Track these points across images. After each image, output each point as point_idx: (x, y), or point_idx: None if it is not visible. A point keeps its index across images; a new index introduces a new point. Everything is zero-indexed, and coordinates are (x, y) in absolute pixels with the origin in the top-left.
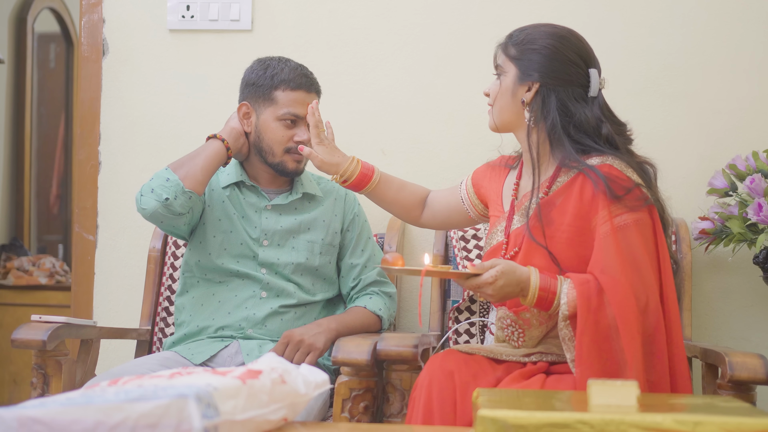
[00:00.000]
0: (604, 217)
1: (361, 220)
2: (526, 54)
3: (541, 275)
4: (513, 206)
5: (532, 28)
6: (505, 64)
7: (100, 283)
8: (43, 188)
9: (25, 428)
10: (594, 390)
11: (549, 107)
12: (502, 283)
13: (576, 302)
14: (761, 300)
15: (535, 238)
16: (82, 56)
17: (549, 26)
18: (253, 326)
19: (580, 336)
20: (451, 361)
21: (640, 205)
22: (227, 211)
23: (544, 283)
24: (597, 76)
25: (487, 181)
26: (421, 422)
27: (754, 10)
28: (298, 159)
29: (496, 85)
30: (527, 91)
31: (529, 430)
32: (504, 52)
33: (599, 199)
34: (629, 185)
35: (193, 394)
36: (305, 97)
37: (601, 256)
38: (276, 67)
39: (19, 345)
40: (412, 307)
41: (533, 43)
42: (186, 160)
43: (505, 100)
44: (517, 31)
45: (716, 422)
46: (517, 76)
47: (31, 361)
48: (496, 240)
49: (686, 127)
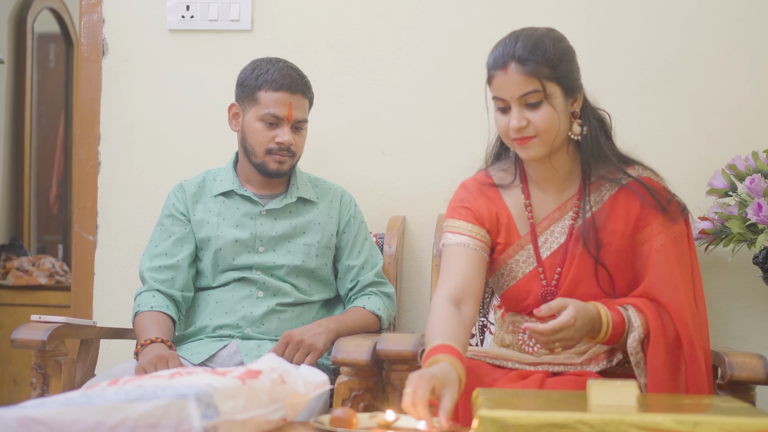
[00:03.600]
0: (657, 230)
1: (357, 222)
2: (562, 67)
3: (610, 310)
4: (534, 229)
5: (542, 38)
6: (547, 87)
7: (99, 283)
8: (43, 188)
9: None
10: (594, 390)
11: (590, 115)
12: (581, 324)
13: (647, 326)
14: (761, 300)
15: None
16: (81, 56)
17: (545, 30)
18: (250, 325)
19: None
20: None
21: (679, 216)
22: (219, 225)
23: (616, 318)
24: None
25: (485, 207)
26: None
27: (754, 10)
28: (280, 160)
29: (547, 113)
30: (573, 104)
31: (529, 430)
32: (543, 76)
33: (649, 213)
34: (669, 196)
35: (193, 394)
36: (288, 98)
37: (661, 270)
38: (263, 68)
39: (18, 345)
40: (411, 307)
41: (561, 52)
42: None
43: (563, 124)
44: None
45: (716, 422)
46: (563, 94)
47: (30, 361)
48: (522, 271)
49: (686, 127)
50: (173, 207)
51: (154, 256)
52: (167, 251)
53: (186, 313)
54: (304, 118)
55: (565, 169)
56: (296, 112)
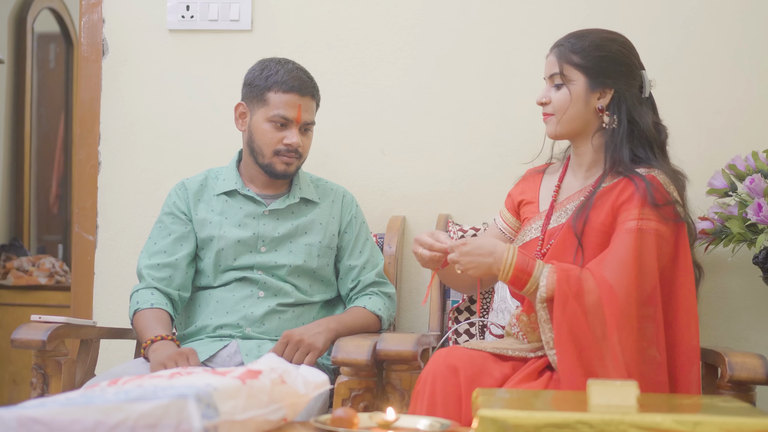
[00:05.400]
0: (633, 215)
1: (358, 222)
2: (594, 61)
3: (520, 254)
4: (552, 206)
5: (590, 34)
6: (569, 73)
7: (99, 283)
8: (43, 188)
9: (25, 428)
10: (594, 390)
11: (621, 114)
12: (470, 248)
13: (555, 286)
14: (761, 300)
15: (576, 231)
16: (81, 56)
17: (606, 31)
18: (251, 325)
19: (558, 320)
20: (456, 357)
21: (670, 218)
22: (222, 225)
23: (522, 262)
24: (647, 77)
25: (522, 193)
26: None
27: (754, 10)
28: (287, 161)
29: (563, 95)
30: (599, 98)
31: (529, 430)
32: (566, 61)
33: (635, 199)
34: (669, 199)
35: (193, 394)
36: (297, 101)
37: (615, 247)
38: (272, 69)
39: (18, 345)
40: (411, 308)
41: (600, 49)
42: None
43: (577, 109)
44: (573, 38)
45: (716, 422)
46: (587, 84)
47: (30, 361)
48: (530, 236)
49: (686, 127)
50: (174, 205)
51: (153, 253)
52: (166, 249)
53: (186, 312)
54: (312, 121)
55: (589, 158)
56: (305, 114)
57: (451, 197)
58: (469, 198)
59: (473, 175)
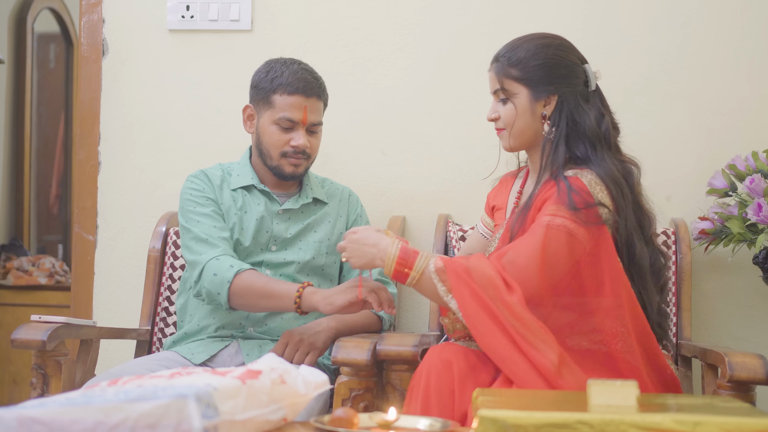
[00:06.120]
0: (549, 211)
1: (363, 222)
2: (532, 71)
3: (403, 248)
4: (513, 213)
5: (524, 43)
6: (511, 87)
7: (99, 283)
8: (42, 188)
9: (25, 428)
10: (594, 390)
11: (562, 117)
12: (358, 237)
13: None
14: (761, 300)
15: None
16: (81, 56)
17: (540, 36)
18: (253, 324)
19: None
20: (450, 352)
21: (592, 221)
22: (239, 217)
23: (404, 256)
24: (591, 70)
25: (495, 198)
26: (419, 412)
27: (754, 10)
28: (295, 163)
29: (510, 109)
30: (545, 106)
31: (529, 430)
32: (505, 75)
33: (552, 198)
34: (590, 201)
35: (193, 394)
36: (303, 102)
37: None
38: (277, 71)
39: (18, 345)
40: (412, 307)
41: (536, 57)
42: (254, 297)
43: (524, 120)
44: (508, 51)
45: (716, 422)
46: (530, 95)
47: (30, 361)
48: (492, 247)
49: (686, 127)
50: (202, 193)
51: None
52: (216, 224)
53: (189, 309)
54: (319, 121)
55: (539, 163)
56: (311, 115)
57: (451, 197)
58: (469, 198)
59: (473, 175)
